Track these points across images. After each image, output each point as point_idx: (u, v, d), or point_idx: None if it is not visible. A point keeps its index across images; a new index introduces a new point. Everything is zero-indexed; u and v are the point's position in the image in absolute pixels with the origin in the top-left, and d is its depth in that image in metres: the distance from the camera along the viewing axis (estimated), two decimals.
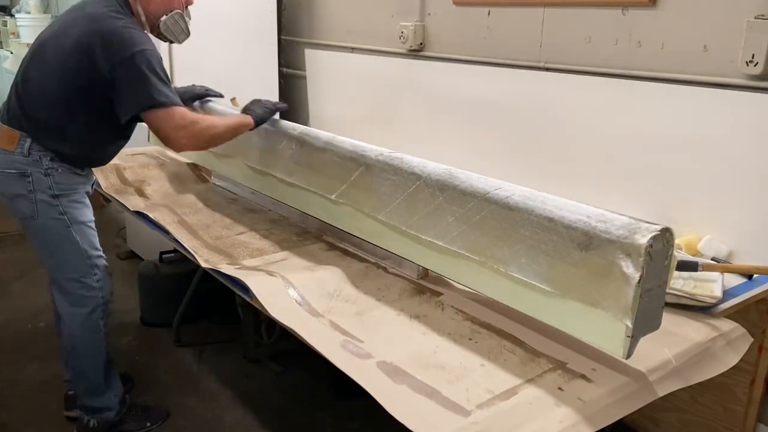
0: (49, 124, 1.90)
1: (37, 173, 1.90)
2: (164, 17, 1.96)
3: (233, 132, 2.01)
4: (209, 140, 1.96)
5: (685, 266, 1.60)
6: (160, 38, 2.04)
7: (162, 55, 2.22)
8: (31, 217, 1.94)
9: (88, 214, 2.03)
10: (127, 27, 1.84)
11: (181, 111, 1.86)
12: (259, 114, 2.07)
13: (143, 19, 1.96)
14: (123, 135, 2.08)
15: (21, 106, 1.91)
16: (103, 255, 2.08)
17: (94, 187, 2.22)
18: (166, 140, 1.88)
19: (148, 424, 2.24)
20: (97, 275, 2.03)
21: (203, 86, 2.47)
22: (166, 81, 1.86)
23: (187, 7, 2.04)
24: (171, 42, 2.06)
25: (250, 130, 2.06)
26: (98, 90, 1.84)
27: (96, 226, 2.06)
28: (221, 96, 2.48)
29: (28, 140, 1.90)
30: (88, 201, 2.06)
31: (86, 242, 2.00)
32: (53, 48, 1.89)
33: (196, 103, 2.44)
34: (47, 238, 1.97)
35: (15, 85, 1.96)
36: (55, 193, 1.93)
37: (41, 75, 1.89)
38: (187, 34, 2.05)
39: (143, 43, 1.83)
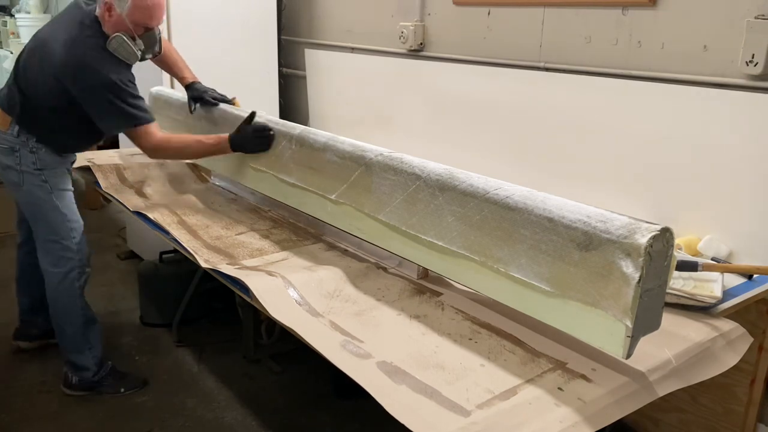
0: (38, 118, 2.14)
1: (24, 150, 2.15)
2: (111, 39, 2.03)
3: (206, 154, 2.25)
4: (177, 158, 2.44)
5: (685, 266, 1.60)
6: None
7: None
8: (18, 184, 2.19)
9: (67, 183, 2.27)
10: (94, 54, 2.01)
11: (152, 132, 2.10)
12: (238, 143, 2.15)
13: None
14: (101, 133, 2.30)
15: (19, 97, 2.13)
16: (81, 221, 2.28)
17: (76, 174, 2.52)
18: (141, 150, 2.17)
19: (122, 390, 2.43)
20: (75, 238, 2.25)
21: (221, 96, 2.44)
22: (133, 101, 2.05)
23: (145, 33, 2.07)
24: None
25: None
26: (78, 105, 2.06)
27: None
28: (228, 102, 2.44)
29: (18, 125, 2.14)
30: (68, 174, 2.30)
31: (66, 207, 2.23)
32: (44, 57, 2.07)
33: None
34: (32, 202, 2.22)
35: (15, 76, 2.17)
36: (39, 167, 2.18)
37: (35, 78, 2.10)
38: (136, 56, 2.09)
39: (108, 71, 2.00)
